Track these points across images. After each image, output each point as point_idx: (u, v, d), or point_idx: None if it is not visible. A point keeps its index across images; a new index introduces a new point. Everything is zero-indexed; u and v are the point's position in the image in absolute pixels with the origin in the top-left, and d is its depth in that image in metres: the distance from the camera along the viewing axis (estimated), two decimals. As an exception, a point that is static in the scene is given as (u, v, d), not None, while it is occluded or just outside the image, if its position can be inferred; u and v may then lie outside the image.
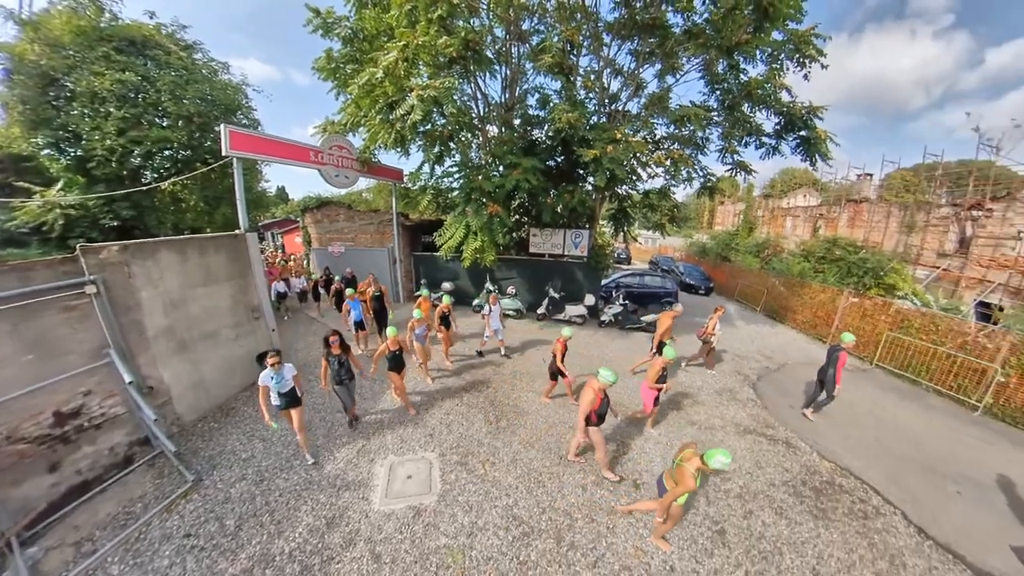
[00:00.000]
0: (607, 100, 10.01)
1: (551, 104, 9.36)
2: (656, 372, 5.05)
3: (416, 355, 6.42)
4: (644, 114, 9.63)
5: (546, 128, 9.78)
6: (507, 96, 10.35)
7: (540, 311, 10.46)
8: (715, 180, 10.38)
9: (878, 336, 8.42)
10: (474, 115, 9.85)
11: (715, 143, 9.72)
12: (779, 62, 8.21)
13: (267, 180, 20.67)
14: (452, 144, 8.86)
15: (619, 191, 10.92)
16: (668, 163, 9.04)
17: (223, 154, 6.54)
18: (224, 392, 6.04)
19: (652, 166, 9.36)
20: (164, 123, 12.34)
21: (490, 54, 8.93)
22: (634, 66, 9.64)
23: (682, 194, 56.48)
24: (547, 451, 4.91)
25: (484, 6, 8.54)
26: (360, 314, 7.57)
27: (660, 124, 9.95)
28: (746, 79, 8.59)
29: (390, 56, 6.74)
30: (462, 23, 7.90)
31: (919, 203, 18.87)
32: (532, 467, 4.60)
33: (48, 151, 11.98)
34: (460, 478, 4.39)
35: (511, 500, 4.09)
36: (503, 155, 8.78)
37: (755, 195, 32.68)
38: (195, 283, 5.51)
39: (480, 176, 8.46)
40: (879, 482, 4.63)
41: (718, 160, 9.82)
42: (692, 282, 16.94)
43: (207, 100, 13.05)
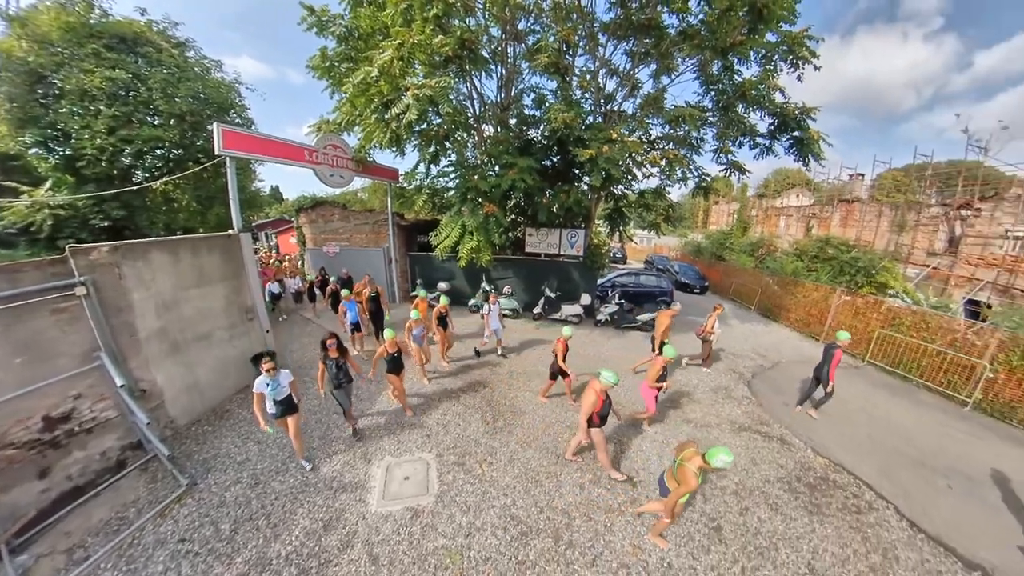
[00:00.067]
0: (603, 100, 10.04)
1: (547, 104, 9.39)
2: (656, 371, 5.08)
3: (414, 356, 6.40)
4: (639, 114, 9.68)
5: (542, 128, 9.80)
6: (503, 96, 10.34)
7: (536, 311, 10.48)
8: (710, 180, 10.46)
9: (870, 334, 8.53)
10: (470, 115, 9.83)
11: (710, 143, 9.80)
12: (773, 63, 8.29)
13: (261, 180, 20.55)
14: (448, 144, 8.84)
15: (615, 191, 10.96)
16: (663, 163, 9.11)
17: (216, 153, 6.47)
18: (218, 394, 5.97)
19: (647, 166, 9.40)
20: (155, 121, 12.19)
21: (486, 53, 8.93)
22: (630, 66, 9.68)
23: (677, 194, 56.83)
24: (544, 450, 4.92)
25: (480, 5, 8.53)
26: (356, 316, 7.52)
27: (655, 124, 10.02)
28: (740, 80, 8.66)
29: (385, 55, 6.71)
30: (458, 22, 7.88)
31: (909, 203, 19.15)
32: (530, 467, 4.60)
33: (36, 150, 11.79)
34: (458, 478, 4.38)
35: (509, 500, 4.09)
36: (499, 155, 8.77)
37: (749, 195, 32.97)
38: (188, 284, 5.44)
39: (476, 176, 8.46)
40: (872, 477, 4.70)
41: (712, 160, 9.91)
42: (687, 281, 17.07)
43: (199, 98, 12.92)
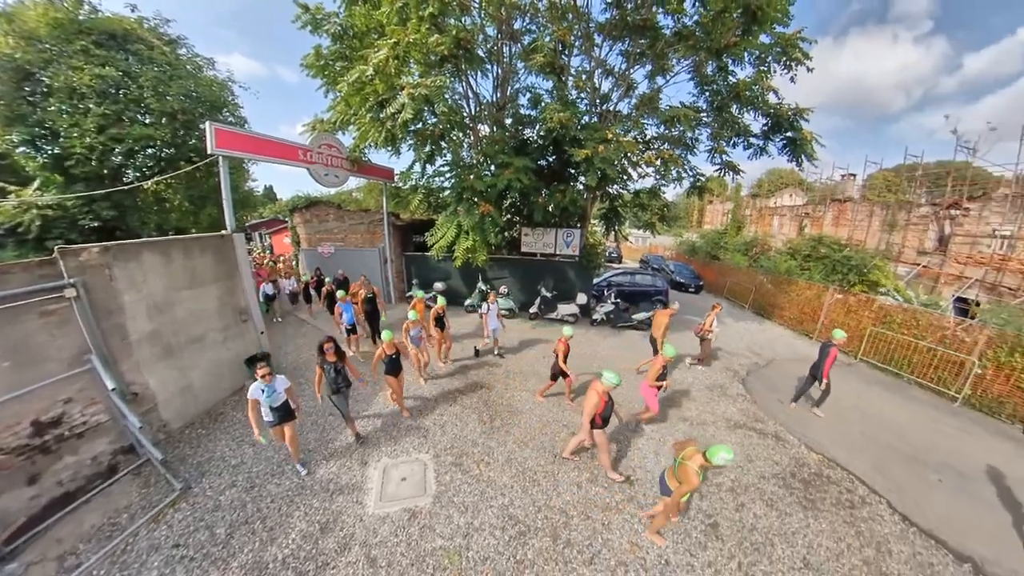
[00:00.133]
0: (598, 100, 10.07)
1: (543, 104, 9.38)
2: (656, 370, 5.10)
3: (411, 358, 6.37)
4: (635, 114, 9.71)
5: (537, 128, 9.80)
6: (499, 95, 10.33)
7: (532, 310, 10.48)
8: (704, 180, 10.53)
9: (862, 331, 8.64)
10: (465, 114, 9.81)
11: (704, 143, 9.87)
12: (766, 64, 8.35)
13: (254, 179, 20.35)
14: (443, 143, 8.82)
15: (610, 190, 10.99)
16: (658, 163, 9.15)
17: (208, 152, 6.39)
18: (212, 397, 5.91)
19: (643, 166, 9.45)
20: (147, 120, 12.03)
21: (482, 53, 8.91)
22: (625, 67, 9.72)
23: (672, 193, 57.13)
24: (542, 450, 4.92)
25: (476, 5, 8.51)
26: (352, 317, 7.47)
27: (650, 124, 10.05)
28: (734, 81, 8.73)
29: (381, 54, 6.67)
30: (453, 21, 7.86)
31: (900, 202, 19.44)
32: (527, 466, 4.61)
33: (23, 149, 11.57)
34: (455, 479, 4.38)
35: (507, 500, 4.09)
36: (495, 154, 8.76)
37: (743, 195, 33.28)
38: (180, 286, 5.37)
39: (472, 175, 8.43)
40: (865, 472, 4.77)
41: (707, 160, 9.98)
42: (682, 280, 17.17)
43: (191, 97, 12.76)
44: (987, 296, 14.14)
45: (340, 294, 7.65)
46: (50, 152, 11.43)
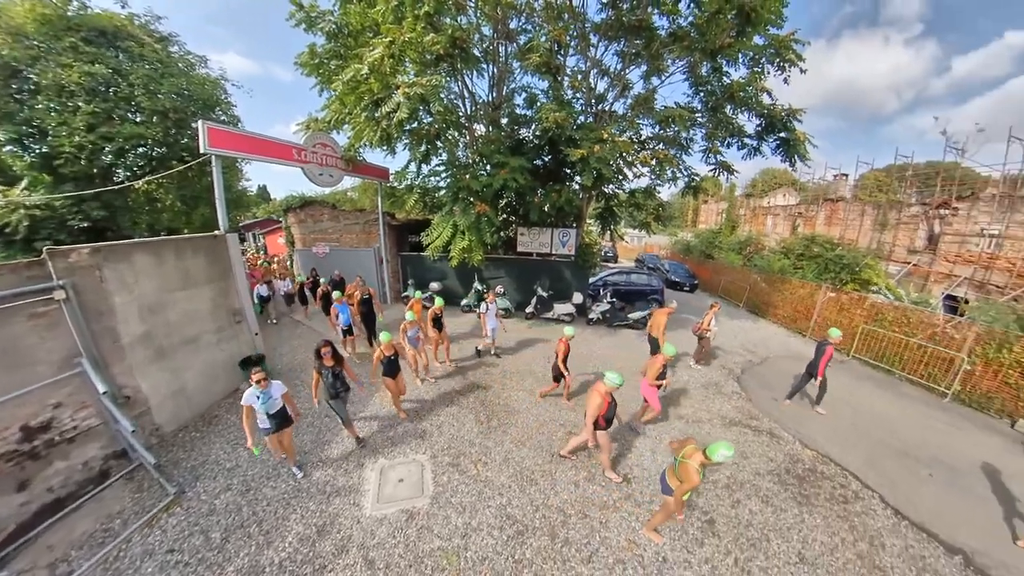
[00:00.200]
0: (594, 100, 10.08)
1: (538, 103, 9.39)
2: (657, 369, 5.12)
3: (408, 359, 6.34)
4: (630, 114, 9.75)
5: (533, 127, 9.79)
6: (494, 95, 10.31)
7: (528, 310, 10.49)
8: (699, 180, 10.58)
9: (854, 329, 8.76)
10: (461, 114, 9.78)
11: (699, 144, 9.91)
12: (760, 66, 8.41)
13: (248, 179, 20.17)
14: (439, 143, 8.77)
15: (606, 190, 11.02)
16: (653, 163, 9.18)
17: (201, 151, 6.31)
18: (206, 399, 5.84)
19: (638, 166, 9.48)
20: (137, 118, 11.85)
21: (477, 52, 8.88)
22: (620, 67, 9.74)
23: (667, 193, 57.46)
24: (539, 449, 4.93)
25: (471, 4, 8.48)
26: (349, 318, 7.42)
27: (646, 124, 10.09)
28: (729, 82, 8.78)
29: (376, 52, 6.62)
30: (449, 20, 7.82)
31: (891, 202, 19.72)
32: (524, 465, 4.61)
33: (10, 147, 11.36)
34: (452, 479, 4.37)
35: (504, 499, 4.09)
36: (490, 154, 8.74)
37: (737, 194, 33.58)
38: (173, 287, 5.30)
39: (467, 175, 8.41)
40: (858, 468, 4.83)
41: (702, 160, 10.11)
42: (677, 279, 17.28)
43: (184, 95, 12.60)
44: (976, 294, 14.39)
45: (336, 295, 7.59)
46: (38, 151, 11.23)
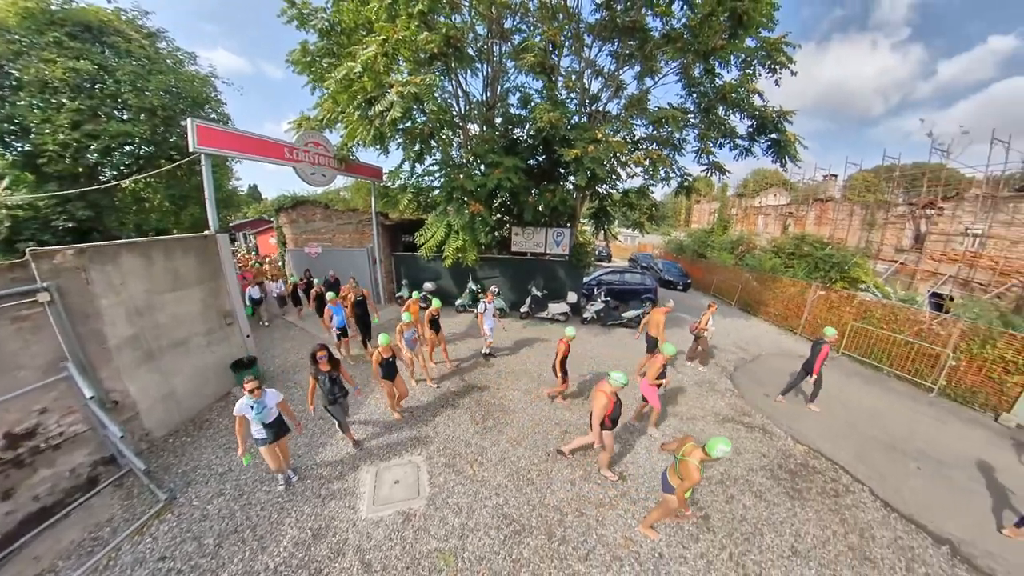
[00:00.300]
0: (588, 100, 10.13)
1: (533, 103, 9.39)
2: (657, 368, 5.14)
3: (404, 360, 6.29)
4: (624, 115, 9.80)
5: (528, 127, 9.81)
6: (488, 94, 10.30)
7: (523, 309, 10.49)
8: (691, 180, 10.69)
9: (843, 326, 8.92)
10: (455, 113, 9.75)
11: (691, 144, 10.02)
12: (752, 68, 8.52)
13: (238, 178, 19.88)
14: (433, 142, 8.73)
15: (599, 190, 11.08)
16: (647, 163, 9.25)
17: (190, 150, 6.20)
18: (197, 403, 5.75)
19: (631, 166, 9.54)
20: (124, 116, 11.61)
21: (472, 52, 8.87)
22: (614, 68, 9.79)
23: (660, 193, 57.92)
24: (535, 448, 4.94)
25: (466, 3, 8.47)
26: (343, 320, 7.34)
27: (639, 125, 10.15)
28: (721, 83, 8.87)
29: (369, 51, 6.58)
30: (443, 19, 7.80)
31: (879, 202, 20.10)
32: (520, 465, 4.61)
33: (-10, 146, 11.04)
34: (449, 480, 4.36)
35: (501, 499, 4.09)
36: (484, 154, 8.73)
37: (729, 194, 33.95)
38: (162, 288, 5.20)
39: (462, 175, 8.39)
40: (848, 462, 4.92)
41: (694, 160, 10.13)
42: (670, 278, 17.43)
43: (172, 92, 12.37)
44: (960, 291, 14.75)
45: (330, 296, 7.50)
46: (20, 149, 10.93)
